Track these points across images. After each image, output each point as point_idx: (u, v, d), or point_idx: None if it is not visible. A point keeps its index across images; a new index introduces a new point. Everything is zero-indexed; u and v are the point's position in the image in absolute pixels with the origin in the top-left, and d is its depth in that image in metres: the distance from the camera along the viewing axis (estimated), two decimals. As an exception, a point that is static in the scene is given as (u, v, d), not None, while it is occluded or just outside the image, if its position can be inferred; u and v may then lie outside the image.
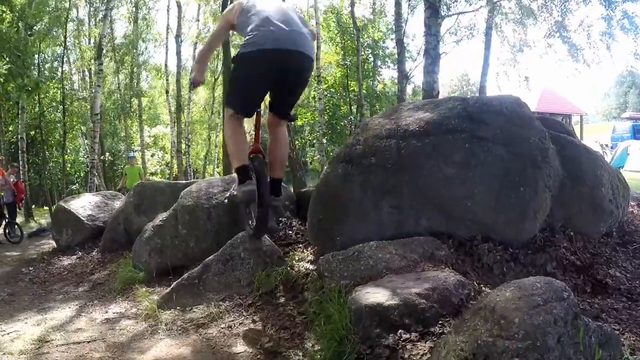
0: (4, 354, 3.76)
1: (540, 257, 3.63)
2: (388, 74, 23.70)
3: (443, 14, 12.25)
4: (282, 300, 3.64)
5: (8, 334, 4.33)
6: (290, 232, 5.55)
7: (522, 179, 3.76)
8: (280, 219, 5.85)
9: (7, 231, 10.51)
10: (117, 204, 8.52)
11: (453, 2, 12.54)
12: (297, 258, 4.46)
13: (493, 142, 3.83)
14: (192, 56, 24.67)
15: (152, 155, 30.48)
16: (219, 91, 26.05)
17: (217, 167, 32.03)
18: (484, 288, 3.18)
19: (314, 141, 20.69)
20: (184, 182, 7.93)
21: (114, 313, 4.53)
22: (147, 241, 5.41)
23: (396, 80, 15.85)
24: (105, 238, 7.52)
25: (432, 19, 11.29)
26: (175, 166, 24.14)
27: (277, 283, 3.81)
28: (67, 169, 25.88)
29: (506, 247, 3.73)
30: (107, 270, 6.57)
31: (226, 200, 4.71)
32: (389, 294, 2.80)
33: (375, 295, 2.83)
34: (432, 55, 11.35)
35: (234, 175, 4.26)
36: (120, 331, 3.93)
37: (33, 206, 25.04)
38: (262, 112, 4.35)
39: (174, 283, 4.29)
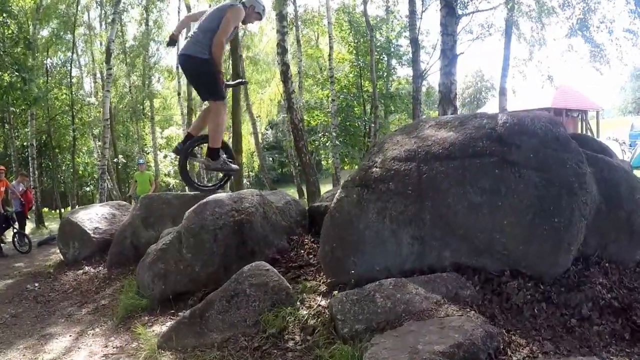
0: (0, 389, 3.54)
1: (575, 297, 3.27)
2: (403, 72, 23.29)
3: (460, 12, 11.76)
4: (290, 344, 3.28)
5: (5, 368, 4.12)
6: (302, 251, 5.22)
7: (557, 208, 3.38)
8: (291, 237, 5.57)
9: (15, 241, 10.36)
10: (125, 215, 8.25)
11: (470, 0, 12.04)
12: (308, 287, 4.11)
13: (525, 167, 3.46)
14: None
15: (165, 157, 30.47)
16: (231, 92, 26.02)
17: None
18: (514, 337, 2.82)
19: (327, 143, 20.22)
20: (191, 193, 7.63)
21: (113, 348, 4.26)
22: (150, 266, 5.08)
23: (411, 80, 15.38)
24: (112, 252, 7.23)
25: (449, 18, 10.81)
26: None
27: (286, 324, 3.45)
28: (80, 171, 25.95)
29: (537, 283, 3.38)
30: (112, 288, 6.31)
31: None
32: (410, 354, 2.44)
33: (394, 354, 2.47)
34: (448, 56, 10.87)
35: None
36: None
37: (45, 209, 25.17)
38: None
39: (174, 321, 3.95)
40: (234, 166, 5.65)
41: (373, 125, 18.36)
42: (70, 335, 4.78)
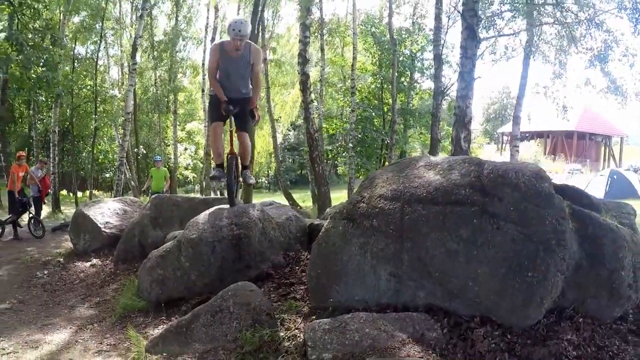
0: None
1: (539, 351, 3.29)
2: (427, 84, 23.22)
3: (481, 36, 11.82)
4: (263, 362, 3.50)
5: (7, 354, 4.41)
6: (297, 267, 5.43)
7: (532, 263, 3.45)
8: (288, 253, 5.79)
9: (30, 225, 10.75)
10: (137, 212, 8.56)
11: (491, 25, 12.07)
12: (293, 307, 4.34)
13: (505, 220, 3.55)
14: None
15: (185, 150, 31.02)
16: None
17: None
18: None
19: (344, 153, 20.32)
20: (201, 197, 7.90)
21: (107, 345, 4.55)
22: (149, 271, 5.36)
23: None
24: (120, 249, 7.54)
25: (469, 41, 10.84)
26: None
27: (262, 343, 3.67)
28: (100, 159, 26.58)
29: (505, 332, 3.46)
30: (116, 284, 6.63)
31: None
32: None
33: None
34: (466, 79, 10.91)
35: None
36: (109, 372, 3.92)
37: (64, 191, 25.79)
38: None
39: (163, 329, 4.21)
40: (216, 174, 5.93)
41: (389, 140, 18.42)
42: (70, 328, 5.09)
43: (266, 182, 40.76)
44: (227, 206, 5.95)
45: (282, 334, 3.77)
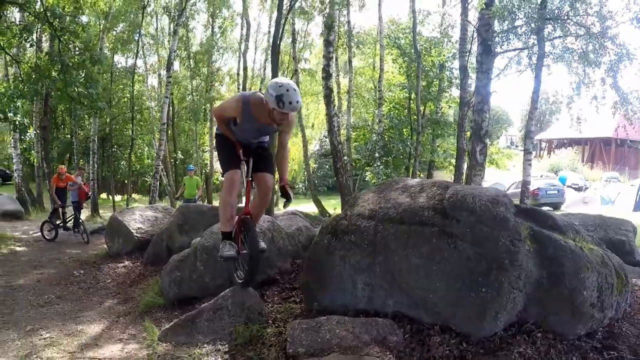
0: (38, 358, 4.57)
1: None
2: (456, 93, 23.40)
3: (499, 50, 12.14)
4: (251, 353, 4.16)
5: (44, 339, 5.22)
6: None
7: (486, 280, 3.82)
8: (296, 260, 6.40)
9: (75, 229, 11.80)
10: (167, 219, 9.37)
11: (505, 41, 12.36)
12: (289, 310, 4.98)
13: (462, 240, 3.98)
14: (263, 67, 25.43)
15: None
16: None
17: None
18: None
19: (372, 162, 20.68)
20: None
21: (128, 335, 5.28)
22: (168, 273, 6.09)
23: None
24: (149, 252, 8.36)
25: (485, 56, 11.15)
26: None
27: (252, 337, 4.34)
28: (138, 165, 27.77)
29: (462, 341, 3.86)
30: (143, 283, 7.40)
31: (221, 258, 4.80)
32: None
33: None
34: (482, 93, 11.25)
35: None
36: (126, 354, 4.66)
37: (104, 194, 27.12)
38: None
39: (173, 322, 4.91)
40: (225, 253, 4.61)
41: (414, 150, 18.80)
42: (99, 320, 5.87)
43: (303, 187, 41.34)
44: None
45: (270, 330, 4.42)
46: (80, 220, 11.87)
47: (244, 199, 5.08)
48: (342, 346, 3.74)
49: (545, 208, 22.23)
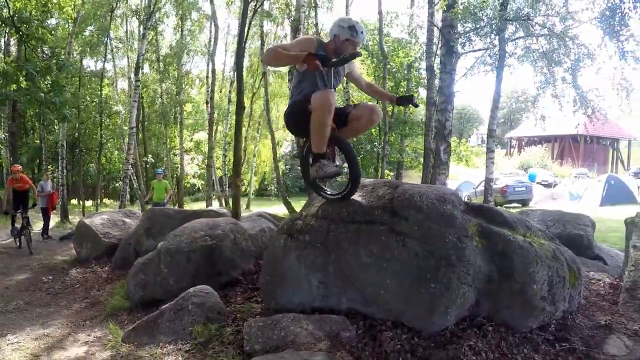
0: (3, 362, 4.69)
1: (438, 354, 3.76)
2: (425, 93, 23.69)
3: (461, 51, 12.47)
4: (210, 351, 4.30)
5: (12, 343, 5.32)
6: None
7: (434, 276, 3.94)
8: (259, 261, 6.52)
9: (43, 236, 11.74)
10: (135, 223, 9.43)
11: (467, 41, 12.72)
12: (250, 308, 5.13)
13: (410, 238, 4.12)
14: (233, 70, 25.32)
15: (192, 160, 32.08)
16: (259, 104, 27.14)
17: (255, 175, 33.47)
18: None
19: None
20: (192, 210, 8.73)
21: (94, 338, 5.38)
22: (133, 276, 6.20)
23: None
24: (117, 256, 8.43)
25: (448, 57, 11.40)
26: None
27: (212, 336, 4.49)
28: (108, 169, 27.60)
29: (414, 336, 3.97)
30: (111, 287, 7.47)
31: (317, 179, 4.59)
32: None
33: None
34: (445, 93, 11.46)
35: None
36: (90, 355, 4.79)
37: (74, 200, 26.85)
38: None
39: (136, 323, 5.04)
40: (331, 170, 4.35)
41: (382, 150, 19.02)
42: (66, 325, 5.94)
43: (274, 189, 41.61)
44: (206, 220, 6.81)
45: (229, 329, 4.57)
46: (29, 229, 11.13)
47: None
48: (296, 342, 3.90)
49: (513, 204, 22.86)
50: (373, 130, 21.37)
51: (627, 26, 10.74)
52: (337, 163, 4.56)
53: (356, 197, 4.66)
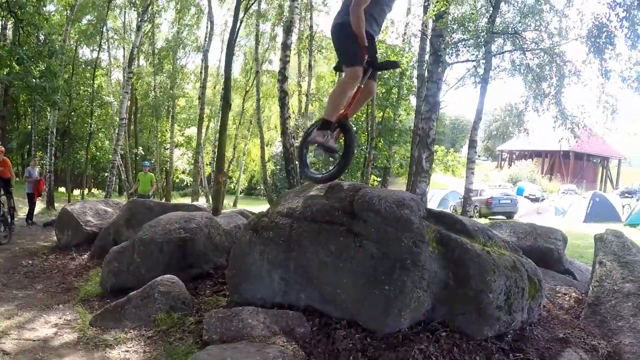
0: (-31, 339, 4.86)
1: (388, 355, 3.87)
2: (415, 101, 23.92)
3: (449, 61, 12.72)
4: (172, 338, 4.50)
5: (-17, 322, 5.44)
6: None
7: (389, 278, 4.08)
8: None
9: (27, 221, 11.83)
10: (117, 213, 9.60)
11: (455, 52, 12.98)
12: (216, 301, 5.33)
13: (367, 240, 4.27)
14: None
15: (182, 155, 32.18)
16: (251, 102, 27.21)
17: (244, 173, 33.55)
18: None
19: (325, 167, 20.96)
20: (172, 203, 8.92)
21: (64, 320, 5.56)
22: (107, 264, 6.37)
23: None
24: (96, 245, 8.58)
25: (435, 66, 11.67)
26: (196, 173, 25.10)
27: (174, 324, 4.70)
28: (98, 157, 27.64)
29: (367, 336, 4.09)
30: (88, 274, 7.62)
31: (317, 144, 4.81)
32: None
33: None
34: (430, 102, 11.71)
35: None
36: (58, 336, 4.97)
37: (62, 189, 26.88)
38: None
39: (104, 308, 5.25)
40: (333, 145, 4.68)
41: (368, 155, 19.23)
42: (40, 307, 6.09)
43: (263, 189, 41.91)
44: (182, 213, 7.01)
45: (191, 318, 4.78)
46: (9, 217, 10.72)
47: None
48: (252, 335, 4.09)
49: (499, 217, 23.12)
50: (362, 135, 21.63)
51: (612, 44, 11.02)
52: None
53: (321, 198, 4.86)
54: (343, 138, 4.81)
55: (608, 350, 4.41)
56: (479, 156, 61.15)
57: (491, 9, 12.39)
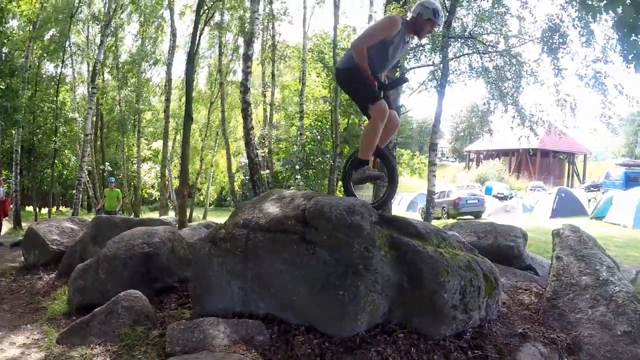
0: None
1: (347, 358, 3.93)
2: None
3: (406, 66, 13.05)
4: (136, 352, 4.63)
5: (-51, 345, 5.50)
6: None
7: (342, 284, 4.15)
8: None
9: None
10: (83, 230, 9.65)
11: (413, 57, 13.37)
12: (180, 313, 5.49)
13: (320, 247, 4.44)
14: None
15: (150, 169, 31.96)
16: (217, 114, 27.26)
17: (213, 184, 33.48)
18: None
19: (292, 176, 21.12)
20: (138, 218, 9.00)
21: (31, 340, 5.67)
22: (73, 282, 6.49)
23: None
24: (64, 263, 8.64)
25: (392, 71, 11.95)
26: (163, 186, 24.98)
27: (138, 338, 4.84)
28: (65, 174, 27.28)
29: (325, 340, 4.24)
30: (55, 293, 7.69)
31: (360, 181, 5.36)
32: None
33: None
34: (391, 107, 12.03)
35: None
36: (25, 356, 5.10)
37: (29, 207, 26.48)
38: None
39: (69, 326, 5.38)
40: (375, 173, 5.15)
41: (333, 162, 19.47)
42: (7, 328, 6.18)
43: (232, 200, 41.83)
44: (145, 228, 7.14)
45: (155, 332, 4.92)
46: None
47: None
48: (213, 345, 4.26)
49: (466, 217, 23.56)
50: (327, 142, 21.87)
51: (565, 44, 11.47)
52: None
53: (275, 207, 5.04)
54: (382, 163, 5.36)
55: (567, 342, 4.56)
56: (447, 158, 62.31)
57: (447, 13, 12.73)
